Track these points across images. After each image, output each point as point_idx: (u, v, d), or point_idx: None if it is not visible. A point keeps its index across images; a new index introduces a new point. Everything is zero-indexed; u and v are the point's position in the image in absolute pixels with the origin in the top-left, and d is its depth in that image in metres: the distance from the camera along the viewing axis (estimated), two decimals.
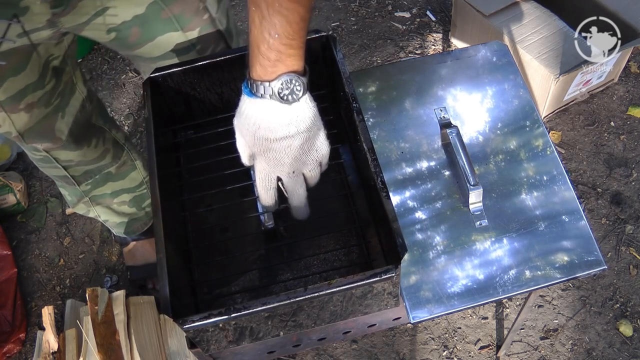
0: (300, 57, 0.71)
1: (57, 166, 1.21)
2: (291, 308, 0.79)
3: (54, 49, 1.00)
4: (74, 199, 1.35)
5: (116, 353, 1.29)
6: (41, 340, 1.40)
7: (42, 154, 1.17)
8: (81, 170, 1.25)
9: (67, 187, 1.32)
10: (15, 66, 0.94)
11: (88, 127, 1.18)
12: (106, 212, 1.41)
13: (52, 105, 1.05)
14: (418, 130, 1.04)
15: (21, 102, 0.99)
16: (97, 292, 1.35)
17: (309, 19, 0.68)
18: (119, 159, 1.29)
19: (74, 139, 1.15)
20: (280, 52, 0.68)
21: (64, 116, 1.09)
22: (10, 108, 0.99)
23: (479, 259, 0.93)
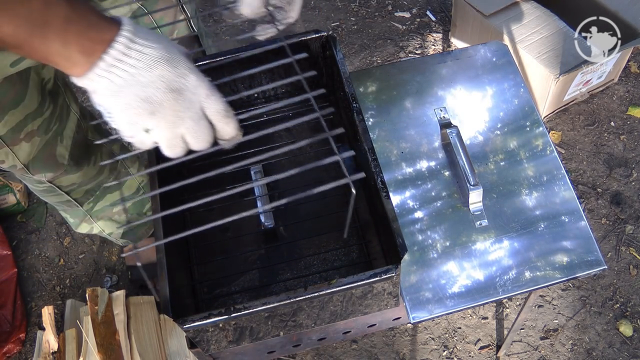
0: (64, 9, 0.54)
1: (61, 193, 1.18)
2: (291, 308, 0.79)
3: (44, 72, 0.98)
4: (76, 220, 1.33)
5: (116, 353, 1.28)
6: (41, 340, 1.39)
7: (46, 185, 1.14)
8: (82, 191, 1.23)
9: (70, 210, 1.29)
10: (14, 98, 0.91)
11: (86, 146, 1.16)
12: (108, 224, 1.38)
13: (51, 131, 1.02)
14: (418, 130, 1.04)
15: (21, 132, 0.96)
16: (97, 292, 1.35)
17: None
18: (115, 170, 1.28)
19: (75, 162, 1.12)
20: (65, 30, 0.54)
21: (62, 140, 1.06)
22: (12, 141, 0.96)
23: (479, 259, 0.93)
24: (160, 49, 0.58)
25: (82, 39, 0.54)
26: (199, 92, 0.60)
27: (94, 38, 0.55)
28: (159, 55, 0.57)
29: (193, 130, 0.61)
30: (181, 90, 0.59)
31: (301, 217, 0.88)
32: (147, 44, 0.57)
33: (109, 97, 0.57)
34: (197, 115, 0.61)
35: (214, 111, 0.62)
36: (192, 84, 0.59)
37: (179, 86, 0.59)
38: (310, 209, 0.89)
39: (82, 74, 0.56)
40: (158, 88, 0.57)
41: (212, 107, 0.61)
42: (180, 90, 0.59)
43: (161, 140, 0.61)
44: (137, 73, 0.57)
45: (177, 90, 0.58)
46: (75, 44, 0.54)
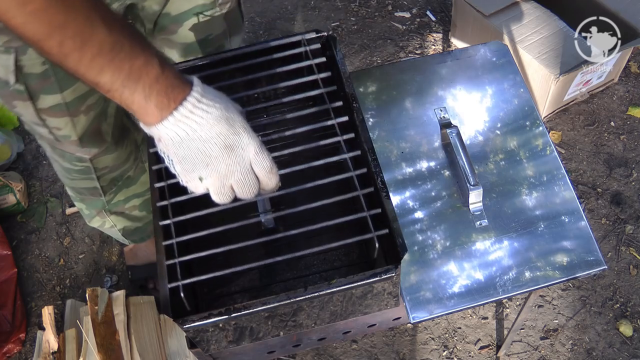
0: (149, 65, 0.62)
1: (92, 177, 1.20)
2: (291, 308, 0.79)
3: None
4: (92, 212, 1.34)
5: (116, 353, 1.29)
6: (41, 340, 1.40)
7: (84, 165, 1.15)
8: (109, 179, 1.24)
9: (90, 199, 1.30)
10: None
11: (122, 127, 1.18)
12: (120, 220, 1.39)
13: (100, 107, 1.05)
14: (418, 130, 1.04)
15: (84, 104, 0.99)
16: (97, 292, 1.35)
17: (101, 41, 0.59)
18: (137, 160, 1.29)
19: (114, 141, 1.15)
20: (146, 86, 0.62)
21: (107, 118, 1.09)
22: (74, 111, 0.99)
23: (479, 259, 0.93)
24: (221, 109, 0.66)
25: (162, 96, 0.63)
26: (249, 150, 0.68)
27: (170, 97, 0.63)
28: (219, 114, 0.66)
29: (241, 182, 0.69)
30: (234, 146, 0.67)
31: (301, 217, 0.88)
32: (211, 104, 0.65)
33: (172, 146, 0.66)
34: (245, 169, 0.69)
35: (261, 167, 0.69)
36: (244, 142, 0.67)
37: (233, 143, 0.67)
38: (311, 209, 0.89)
39: (153, 124, 0.65)
40: (215, 144, 0.66)
41: (260, 163, 0.69)
42: (233, 147, 0.67)
43: (212, 188, 0.69)
44: (199, 129, 0.65)
45: (231, 147, 0.67)
46: (155, 100, 0.63)
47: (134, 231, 1.45)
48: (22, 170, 1.90)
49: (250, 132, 0.68)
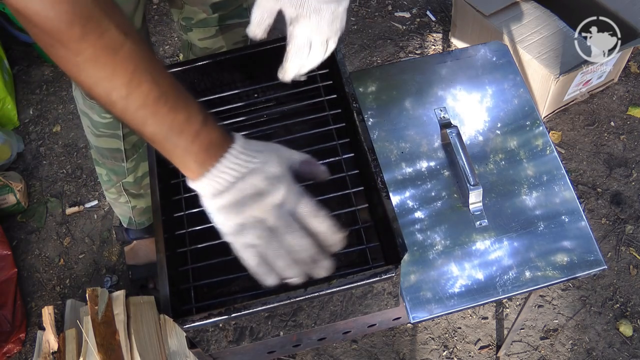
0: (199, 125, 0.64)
1: (119, 134, 1.23)
2: (291, 308, 0.79)
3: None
4: (112, 179, 1.37)
5: (116, 353, 1.29)
6: (41, 340, 1.39)
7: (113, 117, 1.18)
8: (132, 142, 1.28)
9: (111, 164, 1.33)
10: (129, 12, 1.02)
11: None
12: (134, 198, 1.45)
13: None
14: (418, 130, 1.04)
15: None
16: (97, 292, 1.35)
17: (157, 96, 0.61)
18: None
19: None
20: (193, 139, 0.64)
21: None
22: None
23: (479, 259, 0.93)
24: (258, 162, 0.67)
25: (202, 152, 0.65)
26: (288, 199, 0.67)
27: (210, 153, 0.65)
28: (255, 167, 0.66)
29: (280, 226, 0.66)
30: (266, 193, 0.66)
31: None
32: (249, 159, 0.67)
33: (211, 198, 0.66)
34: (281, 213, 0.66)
35: (303, 212, 0.67)
36: (280, 191, 0.66)
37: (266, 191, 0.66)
38: None
39: (194, 179, 0.66)
40: (248, 194, 0.66)
41: (302, 209, 0.67)
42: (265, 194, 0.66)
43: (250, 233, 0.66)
44: (235, 182, 0.66)
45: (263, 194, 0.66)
46: (195, 155, 0.65)
47: (145, 211, 1.50)
48: (22, 170, 1.90)
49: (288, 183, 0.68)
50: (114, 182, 1.38)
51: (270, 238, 0.66)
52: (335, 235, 0.69)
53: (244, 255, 0.68)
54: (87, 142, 1.89)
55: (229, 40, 1.27)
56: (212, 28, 1.24)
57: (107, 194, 1.46)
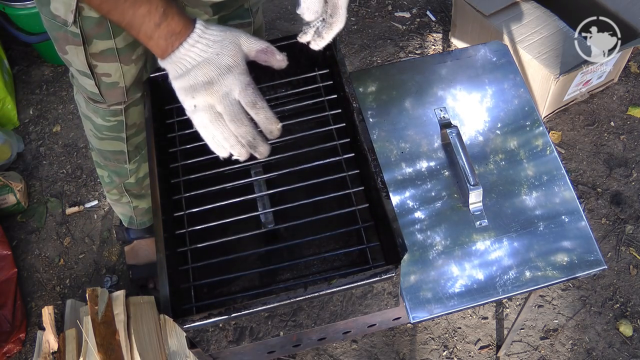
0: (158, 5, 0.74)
1: (122, 136, 1.24)
2: (291, 308, 0.79)
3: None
4: (114, 180, 1.37)
5: (116, 353, 1.28)
6: (41, 340, 1.39)
7: (118, 119, 1.19)
8: (135, 143, 1.29)
9: (114, 166, 1.33)
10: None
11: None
12: (136, 199, 1.45)
13: (145, 55, 1.09)
14: (418, 130, 1.04)
15: (134, 52, 1.05)
16: (97, 292, 1.35)
17: None
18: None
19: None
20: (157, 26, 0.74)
21: (147, 70, 1.13)
22: (125, 58, 1.05)
23: (479, 259, 0.93)
24: (213, 52, 0.77)
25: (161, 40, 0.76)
26: (233, 89, 0.77)
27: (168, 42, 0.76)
28: (207, 57, 0.77)
29: (224, 112, 0.77)
30: (214, 83, 0.76)
31: (301, 217, 0.88)
32: (204, 48, 0.77)
33: (173, 79, 0.78)
34: (228, 101, 0.77)
35: (245, 102, 0.77)
36: (227, 81, 0.77)
37: (215, 81, 0.76)
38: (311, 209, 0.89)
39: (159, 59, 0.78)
40: (200, 80, 0.76)
41: (243, 98, 0.77)
42: (214, 83, 0.76)
43: (203, 115, 0.77)
44: (190, 68, 0.76)
45: (211, 83, 0.76)
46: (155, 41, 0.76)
47: (147, 211, 1.51)
48: (22, 170, 1.90)
49: (237, 74, 0.77)
50: (116, 184, 1.38)
51: (217, 122, 0.77)
52: (271, 124, 0.79)
53: (201, 132, 0.79)
54: (87, 142, 1.89)
55: None
56: None
57: (108, 196, 1.46)
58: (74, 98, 1.99)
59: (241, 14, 1.23)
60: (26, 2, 1.84)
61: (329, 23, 0.85)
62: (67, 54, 1.04)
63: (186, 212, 0.90)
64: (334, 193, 0.89)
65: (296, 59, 1.01)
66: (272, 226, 0.88)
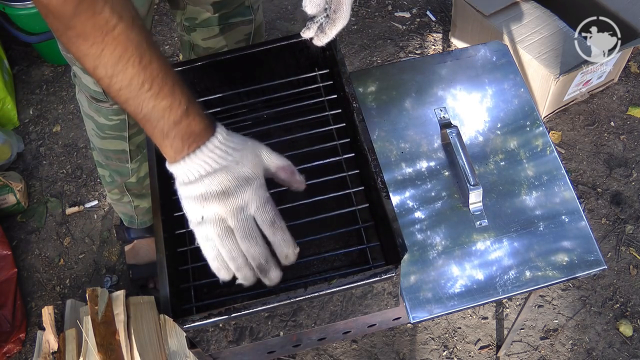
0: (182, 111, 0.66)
1: (124, 135, 1.23)
2: (291, 308, 0.79)
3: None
4: (116, 180, 1.37)
5: (116, 353, 1.28)
6: (41, 340, 1.39)
7: (120, 118, 1.19)
8: (137, 142, 1.28)
9: (115, 166, 1.33)
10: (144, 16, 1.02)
11: None
12: (137, 197, 1.45)
13: None
14: (418, 130, 1.04)
15: None
16: (97, 292, 1.35)
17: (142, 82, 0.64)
18: None
19: None
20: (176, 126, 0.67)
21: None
22: None
23: (479, 259, 0.93)
24: (233, 160, 0.68)
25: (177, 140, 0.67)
26: (250, 204, 0.68)
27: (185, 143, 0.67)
28: (226, 165, 0.68)
29: (236, 227, 0.68)
30: (230, 195, 0.67)
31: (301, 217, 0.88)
32: (224, 155, 0.68)
33: (181, 185, 0.69)
34: (242, 216, 0.68)
35: (261, 219, 0.69)
36: (244, 195, 0.68)
37: (231, 192, 0.67)
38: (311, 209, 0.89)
39: (170, 163, 0.69)
40: (214, 190, 0.67)
41: (260, 216, 0.69)
42: (229, 195, 0.67)
43: (211, 228, 0.68)
44: (205, 175, 0.67)
45: (227, 194, 0.67)
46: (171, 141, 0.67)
47: (148, 210, 1.51)
48: (22, 170, 1.90)
49: (256, 187, 0.69)
50: (117, 184, 1.38)
51: (226, 238, 0.68)
52: (288, 248, 0.71)
53: (203, 246, 0.70)
54: (87, 142, 1.89)
55: (232, 39, 1.27)
56: (215, 27, 1.24)
57: (109, 195, 1.46)
58: (74, 98, 2.00)
59: (242, 11, 1.23)
60: (26, 2, 1.84)
61: (332, 19, 0.85)
62: None
63: None
64: (334, 193, 0.89)
65: (296, 59, 1.01)
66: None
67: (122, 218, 1.58)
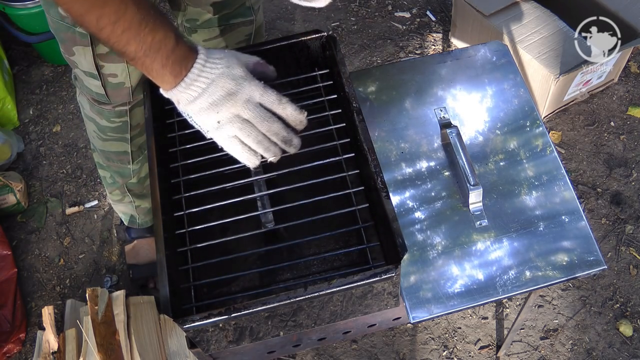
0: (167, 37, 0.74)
1: (126, 137, 1.24)
2: (291, 308, 0.79)
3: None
4: (117, 181, 1.38)
5: (116, 353, 1.29)
6: (41, 340, 1.40)
7: (122, 120, 1.20)
8: (138, 144, 1.29)
9: (117, 167, 1.33)
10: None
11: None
12: (139, 197, 1.46)
13: None
14: (418, 130, 1.04)
15: None
16: (97, 292, 1.35)
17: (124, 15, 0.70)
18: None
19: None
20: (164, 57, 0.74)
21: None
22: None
23: (478, 259, 0.93)
24: (223, 67, 0.78)
25: (176, 65, 0.76)
26: (254, 94, 0.79)
27: (182, 65, 0.76)
28: (221, 72, 0.78)
29: (252, 116, 0.78)
30: (236, 92, 0.78)
31: (301, 217, 0.89)
32: (214, 66, 0.78)
33: (188, 104, 0.78)
34: (252, 105, 0.78)
35: (269, 102, 0.79)
36: (246, 89, 0.78)
37: (236, 91, 0.78)
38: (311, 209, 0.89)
39: (170, 89, 0.78)
40: (220, 95, 0.77)
41: (266, 99, 0.79)
42: (236, 93, 0.78)
43: (230, 127, 0.78)
44: (206, 87, 0.77)
45: (234, 93, 0.78)
46: (170, 68, 0.75)
47: (149, 211, 1.51)
48: (22, 170, 1.90)
49: (251, 80, 0.79)
50: (119, 185, 1.38)
51: (248, 128, 0.79)
52: (300, 115, 0.81)
53: (229, 146, 0.80)
54: (87, 142, 1.89)
55: (232, 40, 1.27)
56: (216, 28, 1.24)
57: (110, 196, 1.46)
58: (74, 98, 2.00)
59: (243, 12, 1.23)
60: (26, 2, 1.84)
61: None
62: (73, 55, 1.04)
63: (186, 212, 0.90)
64: (334, 193, 0.89)
65: (296, 59, 1.01)
66: (272, 226, 0.88)
67: (123, 218, 1.58)
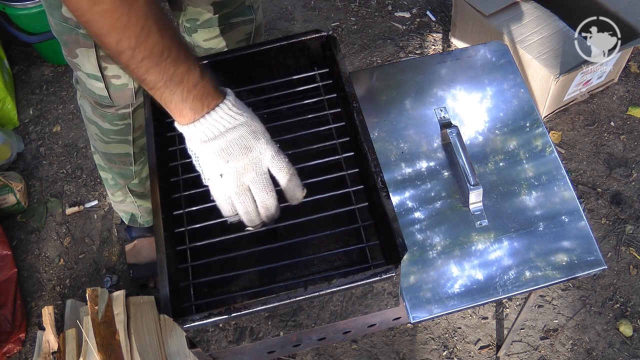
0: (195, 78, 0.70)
1: (129, 139, 1.24)
2: (291, 308, 0.79)
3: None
4: (119, 182, 1.38)
5: (116, 353, 1.29)
6: (41, 340, 1.40)
7: (125, 123, 1.19)
8: (140, 145, 1.29)
9: (119, 168, 1.33)
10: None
11: None
12: (140, 197, 1.46)
13: None
14: (418, 130, 1.04)
15: None
16: (97, 292, 1.35)
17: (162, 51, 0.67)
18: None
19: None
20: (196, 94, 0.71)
21: None
22: None
23: (478, 259, 0.93)
24: (248, 118, 0.75)
25: (197, 101, 0.71)
26: (266, 154, 0.76)
27: (204, 102, 0.72)
28: (244, 121, 0.74)
29: (256, 181, 0.75)
30: (252, 148, 0.74)
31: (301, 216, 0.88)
32: (239, 113, 0.74)
33: (200, 144, 0.74)
34: (261, 170, 0.76)
35: (277, 168, 0.76)
36: (262, 146, 0.75)
37: (252, 146, 0.75)
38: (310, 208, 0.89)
39: (186, 124, 0.73)
40: (236, 144, 0.74)
41: (276, 164, 0.76)
42: (252, 149, 0.74)
43: (229, 186, 0.75)
44: (225, 131, 0.73)
45: (249, 148, 0.74)
46: (191, 103, 0.71)
47: (151, 211, 1.49)
48: (22, 170, 1.90)
49: (269, 140, 0.76)
50: (120, 186, 1.38)
51: (243, 195, 0.76)
52: (299, 192, 0.79)
53: (220, 202, 0.77)
54: (87, 142, 1.89)
55: (232, 39, 1.27)
56: (216, 28, 1.24)
57: (112, 198, 1.46)
58: (74, 98, 2.01)
59: (243, 11, 1.23)
60: (26, 2, 1.85)
61: None
62: (76, 57, 1.04)
63: (185, 211, 0.90)
64: (334, 192, 0.89)
65: (296, 58, 1.01)
66: (272, 225, 0.88)
67: (123, 217, 1.58)
